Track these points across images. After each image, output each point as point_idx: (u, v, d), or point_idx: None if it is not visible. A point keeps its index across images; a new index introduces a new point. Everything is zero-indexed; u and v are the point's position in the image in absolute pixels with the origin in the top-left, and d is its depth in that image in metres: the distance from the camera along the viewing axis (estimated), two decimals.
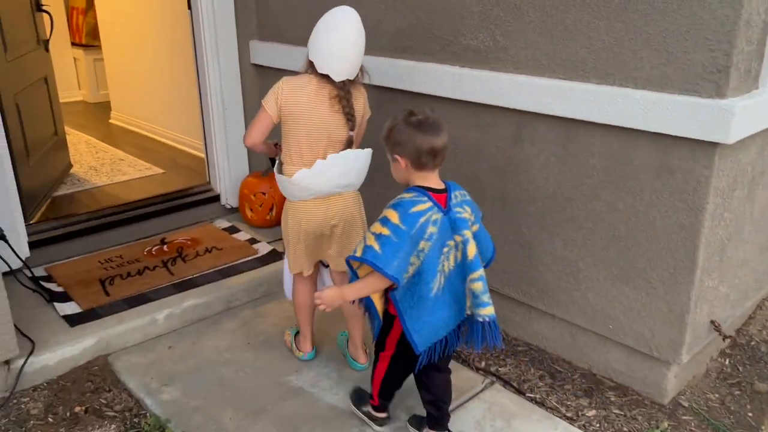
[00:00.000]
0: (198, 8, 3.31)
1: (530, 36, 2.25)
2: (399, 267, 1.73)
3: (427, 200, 1.79)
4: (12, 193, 2.83)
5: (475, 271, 1.82)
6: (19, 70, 3.28)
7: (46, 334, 2.48)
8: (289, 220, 2.24)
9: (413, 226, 1.75)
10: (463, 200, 1.88)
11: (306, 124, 2.10)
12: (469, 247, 1.81)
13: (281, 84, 2.11)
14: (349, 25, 2.07)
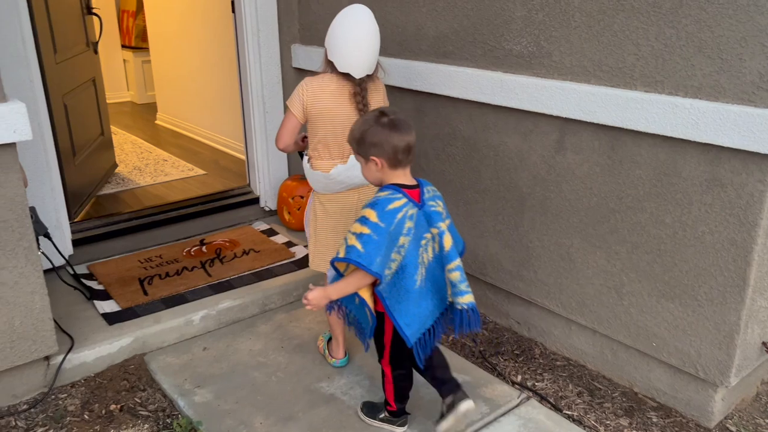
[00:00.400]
0: (242, 12, 3.34)
1: (575, 41, 2.19)
2: (381, 263, 1.80)
3: (401, 197, 1.84)
4: (57, 191, 2.90)
5: (452, 261, 1.89)
6: (68, 72, 3.36)
7: (85, 331, 2.52)
8: (318, 215, 2.28)
9: (391, 222, 1.80)
10: (434, 195, 1.94)
11: (331, 120, 2.17)
12: (445, 239, 1.88)
13: (304, 85, 2.17)
14: (364, 22, 2.13)
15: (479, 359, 2.56)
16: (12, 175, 2.02)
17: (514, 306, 2.73)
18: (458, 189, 2.78)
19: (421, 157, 2.91)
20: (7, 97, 1.97)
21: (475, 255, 2.78)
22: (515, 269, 2.63)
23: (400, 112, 1.92)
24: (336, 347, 2.48)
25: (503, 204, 2.60)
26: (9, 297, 2.12)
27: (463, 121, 2.67)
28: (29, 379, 2.29)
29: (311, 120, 2.19)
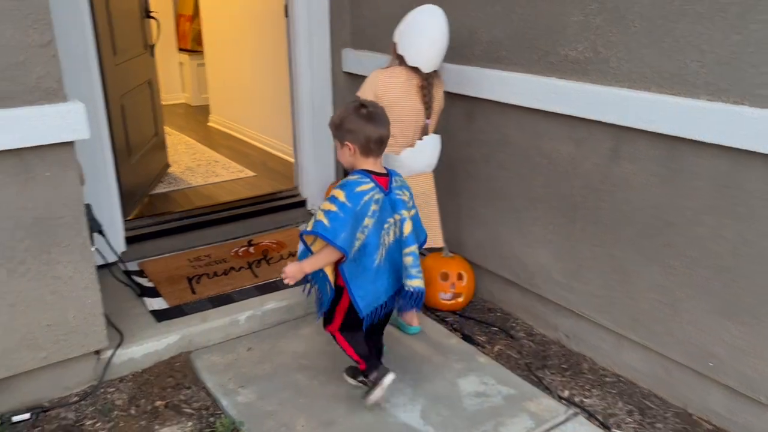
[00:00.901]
0: (294, 16, 3.37)
1: (634, 47, 2.11)
2: (346, 239, 1.96)
3: (369, 182, 2.02)
4: (113, 189, 2.98)
5: (409, 246, 2.10)
6: (126, 73, 3.45)
7: (134, 328, 2.57)
8: None
9: (358, 203, 1.98)
10: (402, 185, 2.13)
11: (399, 111, 2.32)
12: (406, 225, 2.09)
13: (376, 76, 2.34)
14: (438, 23, 2.31)
15: (525, 372, 2.50)
16: (69, 172, 2.08)
17: (563, 318, 2.65)
18: (507, 197, 2.72)
19: (469, 163, 2.87)
20: (67, 97, 2.03)
21: (524, 265, 2.72)
22: (565, 281, 2.56)
23: (379, 106, 2.07)
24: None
25: (554, 213, 2.53)
26: (63, 291, 2.18)
27: (514, 128, 2.62)
28: (80, 372, 2.34)
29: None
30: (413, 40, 2.29)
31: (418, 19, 2.30)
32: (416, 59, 2.30)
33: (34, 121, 1.94)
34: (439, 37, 2.30)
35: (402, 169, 2.38)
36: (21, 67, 1.92)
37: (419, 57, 2.30)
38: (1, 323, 2.09)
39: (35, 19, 1.90)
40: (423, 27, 2.29)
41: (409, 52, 2.30)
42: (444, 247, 2.94)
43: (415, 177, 2.44)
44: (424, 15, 2.30)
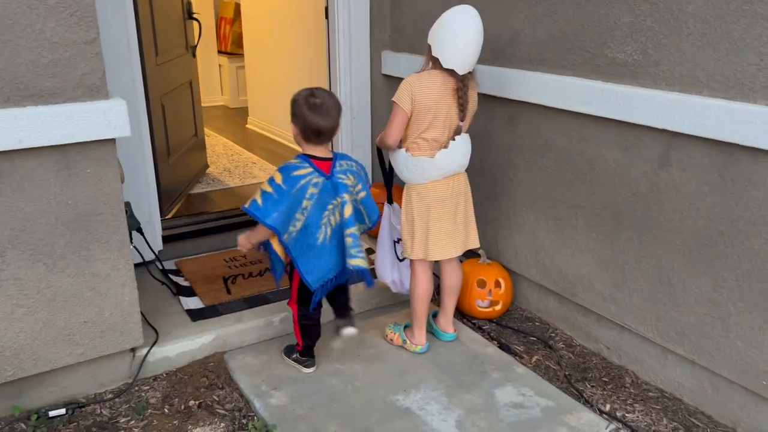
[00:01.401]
0: (335, 18, 3.35)
1: (687, 49, 2.03)
2: (278, 219, 2.12)
3: (308, 166, 2.16)
4: (152, 188, 3.00)
5: (348, 227, 2.23)
6: (167, 73, 3.48)
7: (169, 326, 2.57)
8: (414, 205, 2.41)
9: (294, 186, 2.13)
10: (348, 169, 2.25)
11: (435, 114, 2.29)
12: (346, 208, 2.22)
13: (411, 81, 2.29)
14: (473, 23, 2.24)
15: (564, 384, 2.42)
16: (110, 170, 2.09)
17: (605, 330, 2.57)
18: (549, 203, 2.65)
19: (509, 168, 2.81)
20: (109, 94, 2.04)
21: (565, 274, 2.64)
22: (608, 291, 2.47)
23: (333, 98, 2.18)
24: (419, 333, 2.56)
25: (598, 221, 2.45)
26: (101, 288, 2.19)
27: (557, 132, 2.55)
28: (115, 370, 2.35)
29: (416, 114, 2.30)
30: (448, 41, 2.25)
31: (451, 20, 2.26)
32: (452, 61, 2.25)
33: (77, 117, 1.96)
34: (474, 38, 2.24)
35: (438, 171, 2.35)
36: (66, 63, 1.93)
37: (455, 58, 2.25)
38: (39, 318, 2.11)
39: (81, 16, 1.92)
40: (457, 28, 2.24)
41: (444, 54, 2.26)
42: (482, 253, 2.89)
43: (452, 178, 2.41)
44: (457, 15, 2.26)
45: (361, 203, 2.32)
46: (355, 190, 2.27)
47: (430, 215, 2.41)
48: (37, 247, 2.04)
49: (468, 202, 2.50)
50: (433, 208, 2.40)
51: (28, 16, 1.85)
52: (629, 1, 2.17)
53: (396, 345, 2.62)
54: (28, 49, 1.87)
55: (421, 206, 2.41)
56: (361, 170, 2.33)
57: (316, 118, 2.12)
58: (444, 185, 2.39)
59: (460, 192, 2.45)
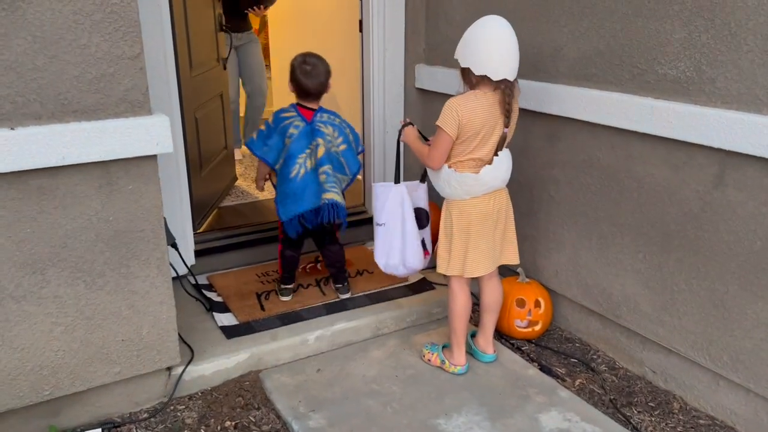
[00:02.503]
0: (369, 32, 3.32)
1: (746, 67, 1.96)
2: (266, 151, 2.66)
3: (293, 111, 2.67)
4: (185, 202, 2.97)
5: (322, 166, 2.62)
6: (201, 87, 3.46)
7: (204, 344, 2.53)
8: (454, 221, 2.36)
9: (278, 124, 2.65)
10: (328, 121, 2.68)
11: (482, 132, 2.24)
12: (319, 150, 2.63)
13: (456, 104, 2.21)
14: (508, 27, 2.19)
15: (610, 409, 2.34)
16: (152, 186, 2.06)
17: (651, 353, 2.49)
18: (592, 221, 2.58)
19: (550, 184, 2.74)
20: (152, 110, 2.01)
21: (608, 294, 2.57)
22: (655, 313, 2.39)
23: (322, 65, 2.66)
24: (459, 353, 2.51)
25: (645, 241, 2.38)
26: (140, 306, 2.15)
27: (602, 149, 2.48)
28: (150, 388, 2.31)
29: (463, 136, 2.25)
30: (492, 55, 2.16)
31: (484, 32, 2.17)
32: (499, 71, 2.16)
33: (120, 133, 1.93)
34: (513, 41, 2.19)
35: (482, 187, 2.29)
36: (110, 78, 1.91)
37: (502, 67, 2.16)
38: (77, 336, 2.07)
39: (126, 32, 1.89)
40: (494, 38, 2.16)
41: (490, 67, 2.16)
42: (520, 271, 2.82)
43: (494, 194, 2.34)
44: (489, 27, 2.18)
45: (342, 155, 2.69)
46: (335, 142, 2.67)
47: (470, 232, 2.35)
48: (77, 264, 2.01)
49: (509, 217, 2.44)
50: (474, 225, 2.34)
51: (74, 31, 1.83)
52: (683, 16, 2.10)
53: (435, 366, 2.55)
54: (73, 65, 1.85)
55: (462, 223, 2.35)
56: (345, 127, 2.72)
57: (306, 81, 2.62)
58: (486, 201, 2.34)
59: (502, 208, 2.39)
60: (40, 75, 1.81)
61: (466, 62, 2.21)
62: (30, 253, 1.93)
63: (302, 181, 2.61)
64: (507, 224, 2.44)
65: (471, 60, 2.19)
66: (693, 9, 2.07)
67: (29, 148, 1.81)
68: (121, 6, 1.87)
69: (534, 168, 2.81)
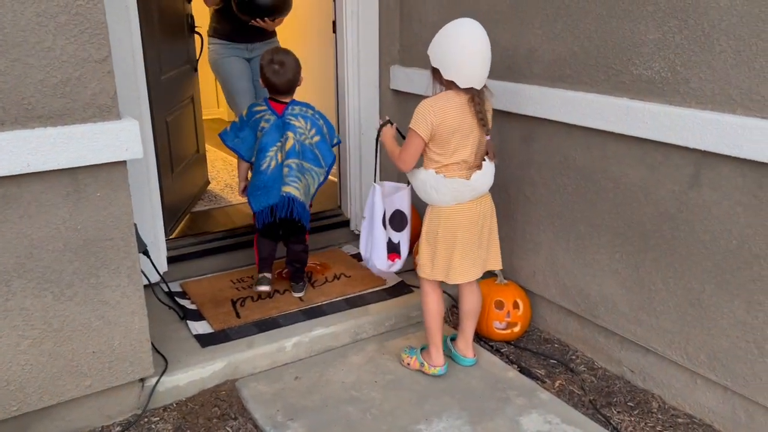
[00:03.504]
0: (343, 33, 3.28)
1: (719, 67, 1.98)
2: (237, 143, 2.74)
3: (264, 105, 2.72)
4: (156, 208, 2.90)
5: (288, 158, 2.66)
6: (171, 90, 3.39)
7: (178, 353, 2.47)
8: (440, 228, 2.33)
9: (251, 117, 2.72)
10: (302, 114, 2.71)
11: (458, 134, 2.22)
12: (288, 143, 2.66)
13: (429, 106, 2.20)
14: (480, 34, 2.16)
15: (590, 410, 2.34)
16: (121, 193, 2.00)
17: (629, 353, 2.50)
18: (569, 222, 2.58)
19: (526, 186, 2.74)
20: (121, 114, 1.95)
21: (586, 294, 2.57)
22: (632, 313, 2.40)
23: (290, 62, 2.68)
24: (437, 354, 2.49)
25: (622, 241, 2.38)
26: (110, 317, 2.09)
27: (578, 150, 2.49)
28: (123, 401, 2.25)
29: (439, 138, 2.23)
30: (459, 59, 2.14)
31: (456, 38, 2.14)
32: (467, 79, 2.16)
33: (88, 139, 1.87)
34: (485, 49, 2.17)
35: (472, 192, 2.27)
36: (76, 82, 1.84)
37: (470, 76, 2.16)
38: (45, 349, 2.00)
39: (92, 34, 1.83)
40: (466, 44, 2.14)
41: (458, 75, 2.15)
42: (499, 273, 2.81)
43: (479, 199, 2.33)
44: (462, 31, 2.15)
45: (316, 147, 2.73)
46: (309, 134, 2.70)
47: (456, 239, 2.32)
48: (44, 274, 1.94)
49: (493, 222, 2.43)
50: (460, 232, 2.32)
51: (38, 33, 1.76)
52: (657, 17, 2.11)
53: (414, 369, 2.53)
54: (37, 68, 1.79)
55: (448, 229, 2.32)
56: (318, 119, 2.75)
57: (273, 78, 2.66)
58: (472, 207, 2.32)
59: (487, 213, 2.38)
60: (1, 79, 1.74)
61: (435, 63, 2.20)
62: None
63: (272, 173, 2.67)
64: (491, 229, 2.43)
65: (441, 63, 2.18)
66: (667, 10, 2.08)
67: None
68: (87, 8, 1.81)
69: (510, 169, 2.81)
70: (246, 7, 3.40)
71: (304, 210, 2.75)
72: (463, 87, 2.18)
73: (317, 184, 2.81)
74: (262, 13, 3.43)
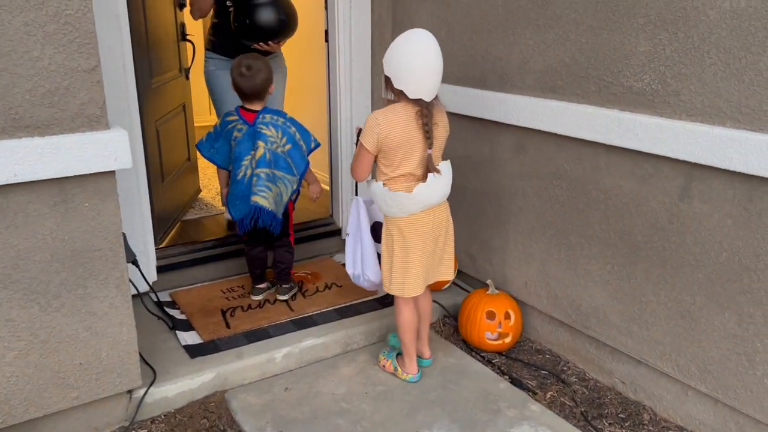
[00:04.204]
0: (335, 42, 3.28)
1: (709, 80, 1.98)
2: (212, 153, 2.78)
3: (235, 115, 2.73)
4: (146, 217, 2.88)
5: (258, 168, 2.66)
6: (162, 97, 3.37)
7: (166, 364, 2.45)
8: (394, 238, 2.33)
9: (224, 128, 2.75)
10: (271, 122, 2.68)
11: (404, 147, 2.22)
12: (258, 152, 2.67)
13: (377, 120, 2.20)
14: (432, 46, 2.16)
15: (581, 422, 2.33)
16: (109, 203, 1.98)
17: (620, 364, 2.49)
18: (560, 232, 2.58)
19: (517, 196, 2.74)
20: (109, 124, 1.94)
21: (577, 305, 2.57)
22: (624, 324, 2.40)
23: (259, 68, 2.65)
24: (410, 362, 2.52)
25: (613, 252, 2.38)
26: (98, 328, 2.06)
27: (569, 161, 2.49)
28: (111, 413, 2.22)
29: (386, 151, 2.23)
30: (408, 70, 2.13)
31: (409, 49, 2.14)
32: (418, 91, 2.15)
33: (76, 149, 1.85)
34: (437, 63, 2.15)
35: (417, 205, 2.26)
36: (64, 92, 1.83)
37: (421, 88, 2.15)
38: (31, 361, 1.98)
39: (81, 44, 1.82)
40: (417, 55, 2.13)
41: (409, 85, 2.14)
42: (490, 283, 2.81)
43: (433, 210, 2.31)
44: (413, 43, 2.14)
45: (288, 155, 2.71)
46: (280, 142, 2.68)
47: (409, 249, 2.32)
48: (31, 285, 1.92)
49: (449, 232, 2.43)
50: (412, 242, 2.31)
51: (26, 42, 1.75)
52: (647, 29, 2.12)
53: (388, 372, 2.56)
54: (25, 78, 1.77)
55: (401, 240, 2.32)
56: (289, 126, 2.71)
57: (241, 82, 2.65)
58: (424, 218, 2.31)
59: (441, 224, 2.37)
60: None
61: (387, 71, 2.22)
62: None
63: (248, 183, 2.70)
64: (447, 240, 2.42)
65: (391, 72, 2.19)
66: (657, 22, 2.09)
67: None
68: (76, 17, 1.79)
69: (502, 179, 2.81)
70: (247, 32, 3.05)
71: (274, 219, 2.74)
72: (412, 97, 2.17)
73: (290, 192, 2.78)
74: (266, 36, 3.07)
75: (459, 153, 2.99)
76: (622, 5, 2.19)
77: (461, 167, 3.00)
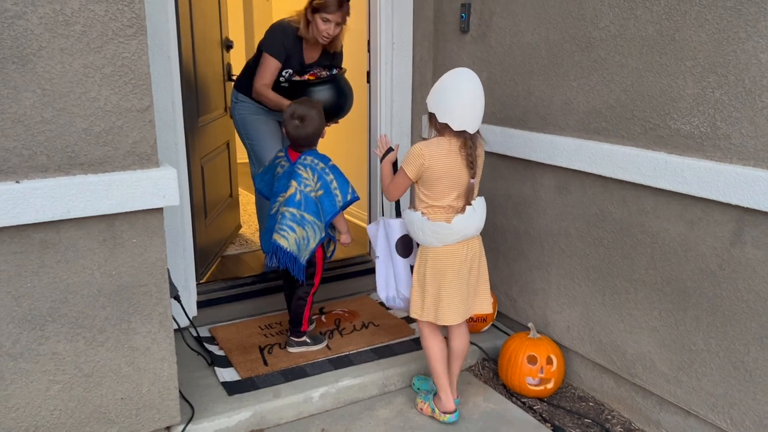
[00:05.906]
0: (377, 83, 3.33)
1: (762, 123, 1.94)
2: (262, 185, 2.86)
3: (283, 153, 2.78)
4: (189, 253, 2.92)
5: (287, 207, 2.65)
6: (207, 135, 3.46)
7: (205, 401, 2.44)
8: (428, 268, 2.35)
9: (273, 163, 2.81)
10: (310, 165, 2.68)
11: (445, 179, 2.28)
12: (289, 191, 2.65)
13: (421, 151, 2.27)
14: (476, 81, 2.25)
15: None
16: (156, 239, 2.01)
17: (668, 414, 2.40)
18: (604, 276, 2.52)
19: (560, 237, 2.70)
20: (159, 162, 1.98)
21: (623, 352, 2.49)
22: (672, 373, 2.32)
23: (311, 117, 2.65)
24: (446, 399, 2.47)
25: (661, 297, 2.32)
26: (140, 363, 2.08)
27: (614, 203, 2.45)
28: None
29: (427, 181, 2.29)
30: (456, 105, 2.23)
31: (456, 86, 2.24)
32: (461, 123, 2.23)
33: (127, 186, 1.89)
34: (479, 95, 2.26)
35: (455, 236, 2.29)
36: (118, 131, 1.88)
37: (464, 120, 2.23)
38: (75, 395, 2.00)
39: (136, 85, 1.88)
40: (463, 92, 2.23)
41: (452, 118, 2.23)
42: (531, 326, 2.75)
43: (467, 242, 2.34)
44: (459, 78, 2.24)
45: (319, 200, 2.67)
46: (315, 186, 2.66)
47: (443, 280, 2.33)
48: (78, 319, 1.95)
49: (482, 265, 2.43)
50: (447, 273, 2.33)
51: (84, 84, 1.81)
52: (695, 72, 2.09)
53: (426, 415, 2.51)
54: (82, 117, 1.83)
55: (435, 270, 2.34)
56: (327, 173, 2.67)
57: (293, 132, 2.67)
58: (459, 249, 2.33)
59: (475, 256, 2.38)
60: (47, 128, 1.79)
61: (432, 108, 2.28)
62: (29, 308, 1.87)
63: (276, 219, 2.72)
64: (480, 272, 2.43)
65: (436, 107, 2.26)
66: (705, 65, 2.06)
67: (34, 201, 1.78)
68: (132, 60, 1.86)
69: (544, 220, 2.77)
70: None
71: (294, 262, 2.64)
72: (456, 129, 2.23)
73: (318, 238, 2.66)
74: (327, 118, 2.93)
75: (500, 192, 2.98)
76: (669, 48, 2.17)
77: (502, 207, 2.98)
